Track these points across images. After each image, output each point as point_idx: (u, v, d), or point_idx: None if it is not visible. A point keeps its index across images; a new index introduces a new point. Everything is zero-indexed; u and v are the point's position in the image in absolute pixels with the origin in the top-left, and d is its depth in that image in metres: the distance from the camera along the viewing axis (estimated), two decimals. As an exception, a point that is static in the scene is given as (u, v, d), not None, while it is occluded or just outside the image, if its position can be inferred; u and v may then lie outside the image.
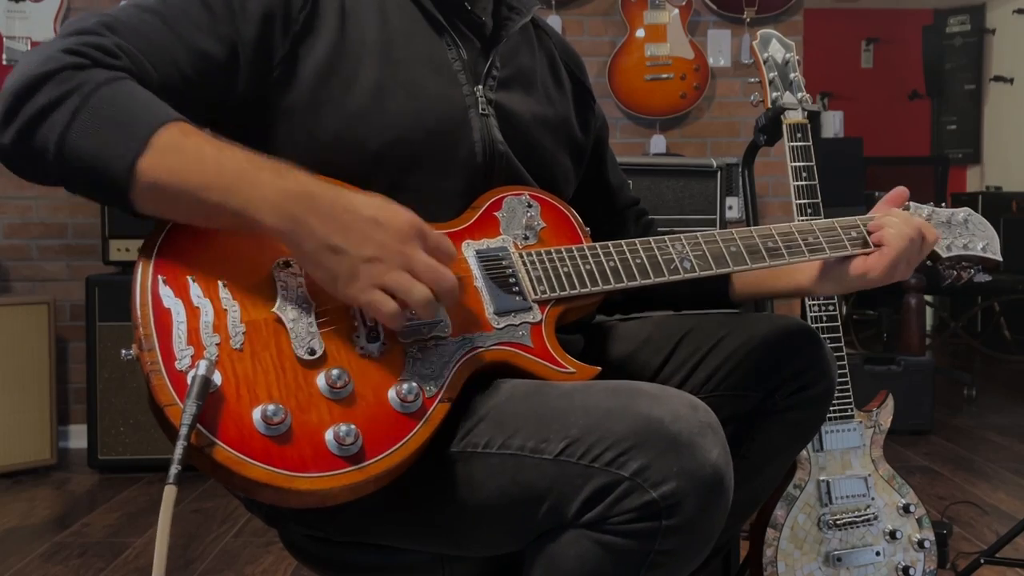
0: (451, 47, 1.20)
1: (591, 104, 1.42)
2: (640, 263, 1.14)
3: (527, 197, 1.18)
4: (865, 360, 3.54)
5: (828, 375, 1.27)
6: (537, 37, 1.37)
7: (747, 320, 1.30)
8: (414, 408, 0.96)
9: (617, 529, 0.93)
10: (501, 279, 1.09)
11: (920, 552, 1.72)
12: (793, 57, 1.70)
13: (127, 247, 3.14)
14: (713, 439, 0.93)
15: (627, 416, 0.94)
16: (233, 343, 0.93)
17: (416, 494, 1.02)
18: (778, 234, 1.20)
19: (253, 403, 0.90)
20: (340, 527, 1.08)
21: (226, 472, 0.89)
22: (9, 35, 3.41)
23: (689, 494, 0.91)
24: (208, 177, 0.93)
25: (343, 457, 0.91)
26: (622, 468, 0.91)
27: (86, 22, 0.98)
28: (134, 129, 0.92)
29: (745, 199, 1.93)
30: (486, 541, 1.05)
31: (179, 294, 0.94)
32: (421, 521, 1.04)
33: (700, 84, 3.74)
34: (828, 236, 1.21)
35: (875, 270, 1.19)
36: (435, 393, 0.98)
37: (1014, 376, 4.98)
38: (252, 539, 2.48)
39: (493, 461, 0.98)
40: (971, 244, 1.35)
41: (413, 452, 0.95)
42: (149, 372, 0.90)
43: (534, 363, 1.06)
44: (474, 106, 1.18)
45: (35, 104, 0.92)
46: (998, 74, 6.12)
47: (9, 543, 2.49)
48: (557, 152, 1.30)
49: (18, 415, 3.12)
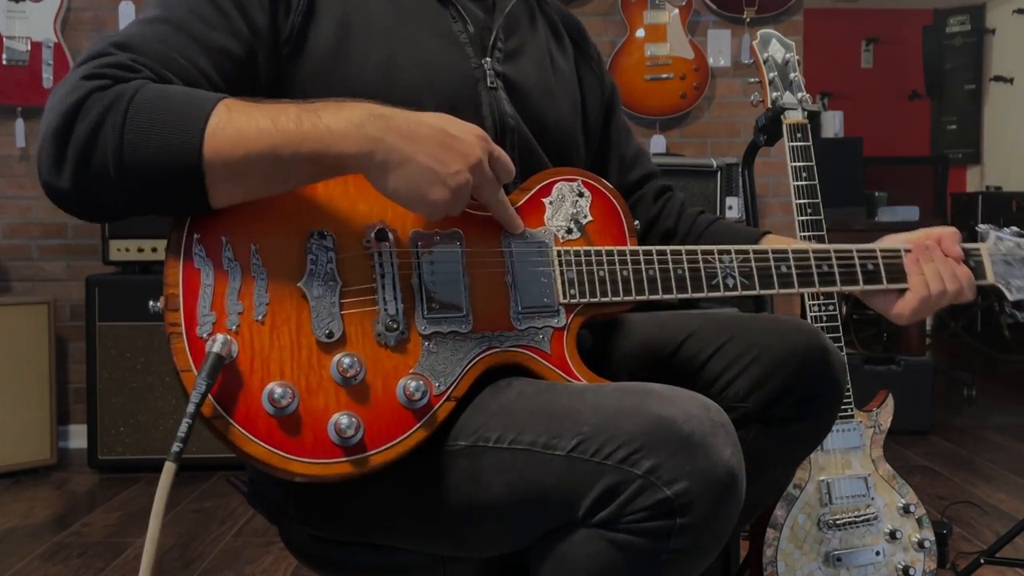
0: (456, 20, 1.19)
1: (596, 70, 1.40)
2: (680, 275, 1.10)
3: (580, 184, 1.13)
4: (865, 360, 3.54)
5: (835, 387, 1.22)
6: (538, 5, 1.35)
7: (752, 325, 1.25)
8: (419, 405, 0.96)
9: (630, 528, 0.92)
10: (533, 277, 1.06)
11: (920, 552, 1.72)
12: (793, 57, 1.70)
13: (127, 247, 3.15)
14: (725, 439, 0.93)
15: (639, 415, 0.93)
16: (255, 314, 0.93)
17: (423, 489, 1.02)
18: (836, 256, 1.16)
19: (265, 379, 0.91)
20: (343, 526, 1.08)
21: (230, 445, 0.91)
22: (9, 35, 3.41)
23: (702, 493, 0.90)
24: (274, 136, 0.92)
25: (342, 447, 0.92)
26: (635, 466, 0.90)
27: (97, 46, 0.97)
28: (185, 121, 0.91)
29: (745, 199, 1.93)
30: (489, 540, 1.04)
31: (211, 254, 0.94)
32: (426, 518, 1.04)
33: (700, 84, 3.74)
34: (888, 266, 1.17)
35: (903, 317, 1.18)
36: (443, 391, 0.98)
37: (1014, 376, 4.97)
38: (252, 539, 2.48)
39: (503, 456, 0.98)
40: None
41: (409, 450, 0.96)
42: (170, 334, 0.91)
43: (548, 370, 1.05)
44: (483, 79, 1.17)
45: (78, 137, 0.90)
46: (998, 74, 6.12)
47: (9, 543, 2.49)
48: (568, 122, 1.28)
49: (18, 415, 3.12)
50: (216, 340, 0.89)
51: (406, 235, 1.02)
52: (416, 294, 1.00)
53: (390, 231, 1.00)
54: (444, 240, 1.03)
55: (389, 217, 1.01)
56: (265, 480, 1.11)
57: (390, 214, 1.01)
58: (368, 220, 1.00)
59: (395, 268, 1.00)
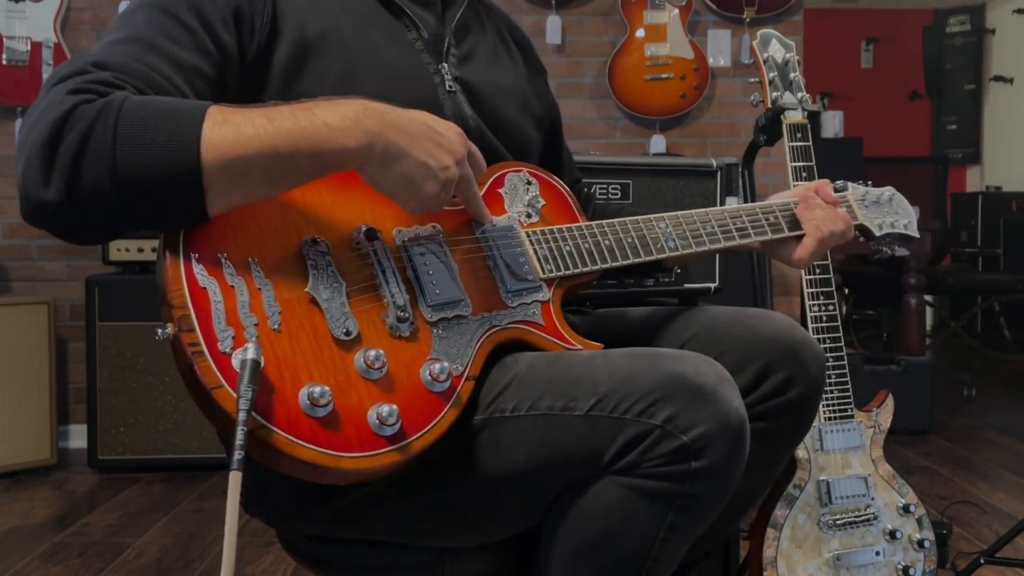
0: (410, 28, 1.23)
1: (542, 76, 1.48)
2: (631, 242, 1.21)
3: (526, 174, 1.23)
4: (865, 360, 3.54)
5: (807, 379, 1.19)
6: (484, 11, 1.40)
7: (715, 321, 1.25)
8: (444, 387, 0.98)
9: (647, 472, 0.97)
10: (511, 258, 1.13)
11: (920, 552, 1.72)
12: (793, 57, 1.70)
13: (127, 247, 3.15)
14: (731, 390, 1.00)
15: (652, 372, 0.99)
16: (270, 324, 0.93)
17: (442, 468, 1.03)
18: (745, 214, 1.30)
19: (296, 385, 0.91)
20: (353, 521, 1.08)
21: (276, 453, 0.89)
22: (9, 35, 3.41)
23: (717, 437, 0.96)
24: (271, 135, 0.92)
25: (385, 437, 0.93)
26: (652, 418, 0.96)
27: (75, 65, 0.95)
28: (179, 126, 0.90)
29: (745, 199, 1.93)
30: (506, 516, 1.06)
31: (212, 272, 0.93)
32: (443, 502, 1.05)
33: (700, 84, 3.74)
34: (785, 217, 1.32)
35: (804, 261, 1.30)
36: (462, 372, 1.01)
37: (1014, 376, 4.98)
38: (252, 539, 2.48)
39: (523, 424, 1.01)
40: (896, 222, 1.46)
41: (445, 430, 0.97)
42: (192, 354, 0.88)
43: (545, 340, 1.11)
44: (441, 84, 1.22)
45: (68, 146, 0.87)
46: (998, 74, 6.13)
47: (9, 543, 2.49)
48: (523, 122, 1.34)
49: (18, 415, 3.12)
50: (248, 348, 0.88)
51: (390, 234, 1.06)
52: (415, 285, 1.03)
53: (377, 230, 1.04)
54: (426, 234, 1.08)
55: (369, 219, 1.04)
56: (265, 481, 1.10)
57: (369, 216, 1.05)
58: (352, 224, 1.03)
59: (392, 263, 1.03)
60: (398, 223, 1.07)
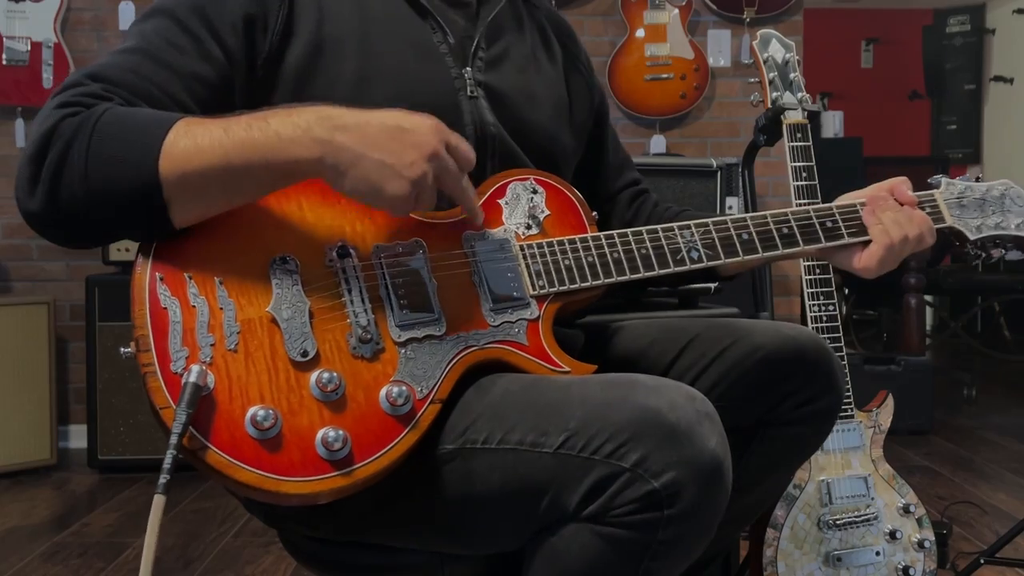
0: (436, 30, 1.20)
1: (586, 76, 1.40)
2: (645, 254, 1.13)
3: (532, 182, 1.16)
4: (865, 360, 3.54)
5: (835, 389, 1.22)
6: (527, 11, 1.35)
7: (754, 329, 1.25)
8: (404, 411, 0.97)
9: (619, 521, 0.93)
10: (499, 274, 1.08)
11: (920, 552, 1.72)
12: (793, 57, 1.70)
13: (127, 247, 3.15)
14: (711, 428, 0.93)
15: (625, 407, 0.94)
16: (227, 344, 0.94)
17: (416, 493, 1.02)
18: (794, 218, 1.18)
19: (246, 406, 0.91)
20: (340, 526, 1.08)
21: (218, 474, 0.91)
22: (9, 35, 3.41)
23: (689, 483, 0.91)
24: (225, 146, 0.93)
25: (330, 461, 0.92)
26: (622, 459, 0.91)
27: (72, 77, 1.01)
28: (145, 138, 0.93)
29: (745, 199, 1.93)
30: (486, 538, 1.05)
31: (176, 292, 0.95)
32: (422, 519, 1.04)
33: (700, 84, 3.74)
34: (847, 221, 1.20)
35: (871, 271, 1.20)
36: (426, 395, 0.99)
37: (1014, 376, 4.98)
38: (252, 539, 2.48)
39: (493, 456, 0.98)
40: (1004, 223, 1.28)
41: (400, 456, 0.96)
42: (145, 374, 0.91)
43: (528, 361, 1.06)
44: (463, 89, 1.18)
45: (51, 160, 0.93)
46: (998, 74, 6.12)
47: (9, 543, 2.49)
48: (555, 129, 1.28)
49: (18, 415, 3.12)
50: (191, 371, 0.90)
51: (368, 250, 1.03)
52: (386, 304, 1.01)
53: (351, 248, 1.02)
54: (407, 250, 1.05)
55: (348, 235, 1.03)
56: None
57: (349, 232, 1.03)
58: (328, 241, 1.02)
59: (361, 281, 1.01)
60: (379, 239, 1.04)
